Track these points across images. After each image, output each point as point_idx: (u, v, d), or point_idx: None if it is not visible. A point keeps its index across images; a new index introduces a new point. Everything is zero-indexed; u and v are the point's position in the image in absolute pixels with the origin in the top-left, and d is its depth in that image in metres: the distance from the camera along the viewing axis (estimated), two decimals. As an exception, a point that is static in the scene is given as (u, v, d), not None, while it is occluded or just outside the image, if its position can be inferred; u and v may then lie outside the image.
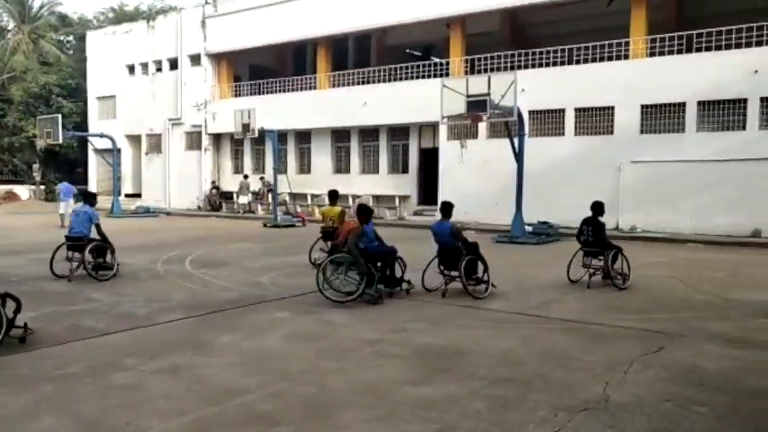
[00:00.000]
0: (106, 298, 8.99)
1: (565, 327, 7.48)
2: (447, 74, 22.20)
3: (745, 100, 17.52)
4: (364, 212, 9.30)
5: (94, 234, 10.76)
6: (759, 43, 17.45)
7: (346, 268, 8.75)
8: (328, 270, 8.81)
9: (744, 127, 17.54)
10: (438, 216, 10.63)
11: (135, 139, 32.58)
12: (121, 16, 42.25)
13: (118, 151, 29.03)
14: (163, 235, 18.56)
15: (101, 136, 28.48)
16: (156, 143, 31.58)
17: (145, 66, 31.76)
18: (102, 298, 8.98)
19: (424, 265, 9.66)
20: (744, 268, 12.14)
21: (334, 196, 12.87)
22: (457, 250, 9.37)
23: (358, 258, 8.58)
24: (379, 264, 9.02)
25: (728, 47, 17.90)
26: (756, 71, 17.22)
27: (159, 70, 31.26)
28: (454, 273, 9.29)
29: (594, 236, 10.17)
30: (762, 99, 17.27)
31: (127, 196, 31.52)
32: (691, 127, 18.24)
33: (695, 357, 6.16)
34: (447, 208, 9.97)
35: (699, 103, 18.12)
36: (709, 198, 17.48)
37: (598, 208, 10.37)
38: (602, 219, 10.35)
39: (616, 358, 6.10)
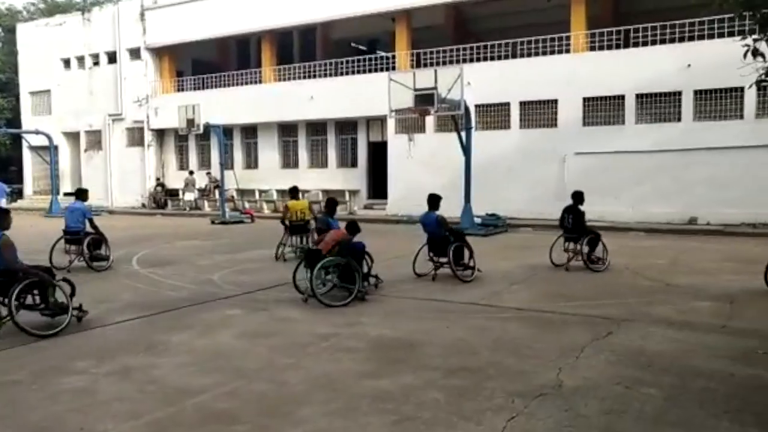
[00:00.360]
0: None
1: (516, 316, 7.65)
2: (393, 68, 22.25)
3: (680, 93, 18.21)
4: (331, 205, 9.44)
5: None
6: (692, 38, 18.14)
7: (326, 272, 8.49)
8: (318, 275, 8.34)
9: (680, 119, 18.24)
10: (420, 210, 10.93)
11: (73, 136, 31.41)
12: (53, 8, 40.53)
13: (55, 148, 27.94)
14: (106, 234, 17.92)
15: (36, 132, 27.42)
16: (96, 140, 30.54)
17: (81, 60, 30.62)
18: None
19: (386, 259, 9.72)
20: (683, 255, 12.65)
21: (295, 191, 13.45)
22: (446, 239, 10.00)
23: (351, 262, 8.46)
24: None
25: (663, 42, 18.57)
26: (689, 65, 17.90)
27: (96, 63, 30.20)
28: (443, 259, 9.91)
29: (574, 223, 11.00)
30: (696, 92, 17.98)
31: (66, 194, 30.23)
32: (630, 119, 18.84)
33: (642, 340, 6.40)
34: (434, 200, 10.47)
35: (637, 96, 18.73)
36: (649, 188, 18.14)
37: (578, 197, 11.23)
38: (582, 207, 11.15)
39: (567, 344, 6.28)
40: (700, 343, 6.32)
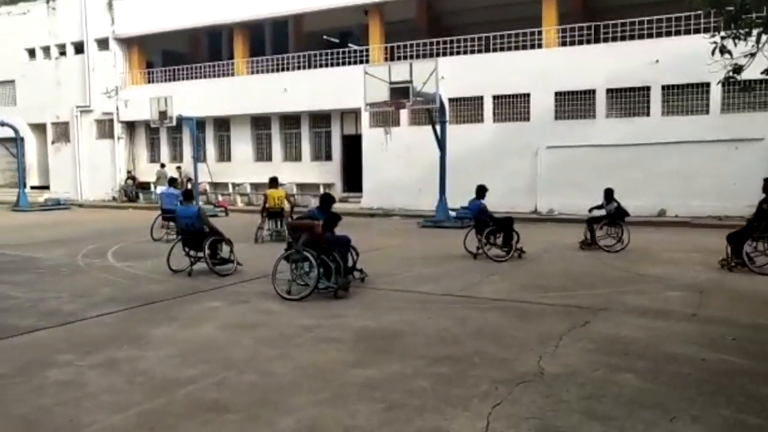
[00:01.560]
0: (26, 295, 8.57)
1: (495, 306, 7.81)
2: (366, 61, 22.26)
3: (648, 88, 18.63)
4: (325, 200, 9.35)
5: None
6: (659, 34, 18.55)
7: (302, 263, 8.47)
8: (296, 267, 8.47)
9: (648, 114, 18.67)
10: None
11: (39, 128, 30.76)
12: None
13: (21, 140, 27.32)
14: (78, 228, 17.73)
15: (2, 124, 26.72)
16: (63, 132, 29.96)
17: (47, 50, 29.93)
18: (21, 295, 8.56)
19: (363, 251, 9.73)
20: (653, 246, 12.99)
21: (274, 181, 14.80)
22: (485, 222, 11.62)
23: (335, 257, 8.42)
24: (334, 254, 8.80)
25: (632, 38, 18.95)
26: (657, 61, 18.30)
27: (63, 54, 29.57)
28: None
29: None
30: (663, 87, 18.41)
31: (33, 188, 29.78)
32: (600, 113, 19.22)
33: (617, 329, 6.61)
34: (481, 190, 12.09)
35: (607, 90, 19.10)
36: (619, 181, 18.27)
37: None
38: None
39: (546, 333, 6.45)
40: (672, 331, 6.55)
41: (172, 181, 16.50)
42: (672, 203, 18.09)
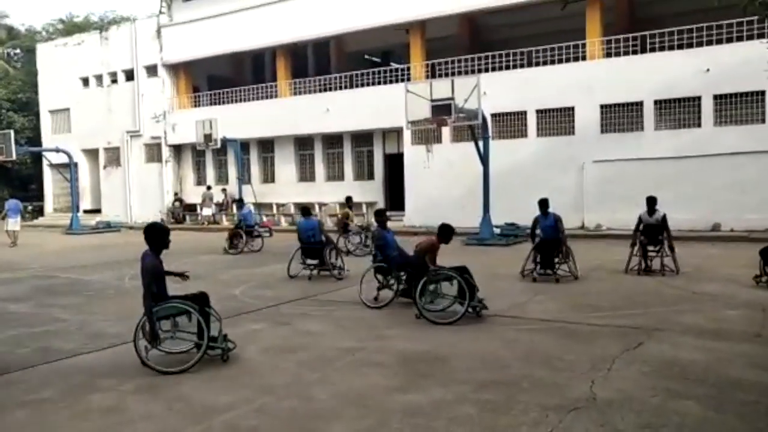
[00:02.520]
0: (74, 317, 8.70)
1: (543, 327, 7.53)
2: (408, 79, 22.22)
3: (699, 98, 18.01)
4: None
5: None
6: (710, 43, 17.97)
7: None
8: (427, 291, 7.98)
9: (699, 125, 18.03)
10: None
11: (92, 153, 31.75)
12: (71, 27, 41.15)
13: (75, 165, 28.25)
14: (126, 250, 18.05)
15: (57, 150, 27.71)
16: (114, 156, 30.84)
17: (99, 78, 31.00)
18: (69, 317, 8.69)
19: None
20: (708, 262, 12.45)
21: (306, 211, 13.42)
22: (558, 241, 10.83)
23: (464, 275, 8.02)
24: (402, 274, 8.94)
25: (680, 47, 18.41)
26: (708, 70, 17.72)
27: (114, 81, 30.55)
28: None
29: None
30: (715, 96, 17.78)
31: (85, 211, 30.69)
32: (649, 125, 18.67)
33: (674, 350, 6.26)
34: (545, 203, 11.31)
35: (655, 102, 18.56)
36: (669, 194, 17.71)
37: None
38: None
39: (597, 355, 6.16)
40: (734, 353, 6.17)
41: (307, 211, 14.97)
42: (726, 217, 17.36)
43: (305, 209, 13.15)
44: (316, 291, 10.32)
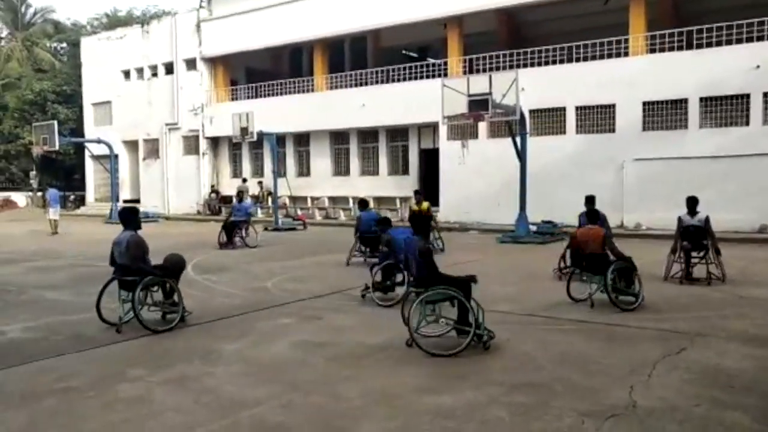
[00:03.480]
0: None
1: (580, 328, 7.29)
2: (444, 75, 22.01)
3: (747, 96, 17.39)
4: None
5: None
6: (760, 38, 17.34)
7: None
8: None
9: (747, 123, 17.43)
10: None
11: (132, 145, 32.32)
12: (115, 22, 41.98)
13: (116, 156, 28.78)
14: (163, 240, 18.18)
15: (98, 142, 28.25)
16: (153, 148, 31.34)
17: (140, 71, 31.52)
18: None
19: (449, 268, 9.01)
20: (754, 265, 11.98)
21: (363, 203, 14.05)
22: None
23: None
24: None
25: (728, 43, 17.80)
26: (758, 66, 17.11)
27: (155, 74, 31.02)
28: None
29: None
30: (765, 94, 17.16)
31: (125, 201, 31.22)
32: (693, 123, 18.11)
33: (719, 357, 5.97)
34: (592, 200, 10.43)
35: (701, 99, 17.99)
36: (713, 194, 17.11)
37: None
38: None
39: (637, 360, 5.91)
40: (784, 362, 5.86)
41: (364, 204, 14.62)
42: (774, 219, 16.73)
43: (363, 202, 14.09)
44: (350, 285, 10.22)
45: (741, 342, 6.55)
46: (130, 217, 7.89)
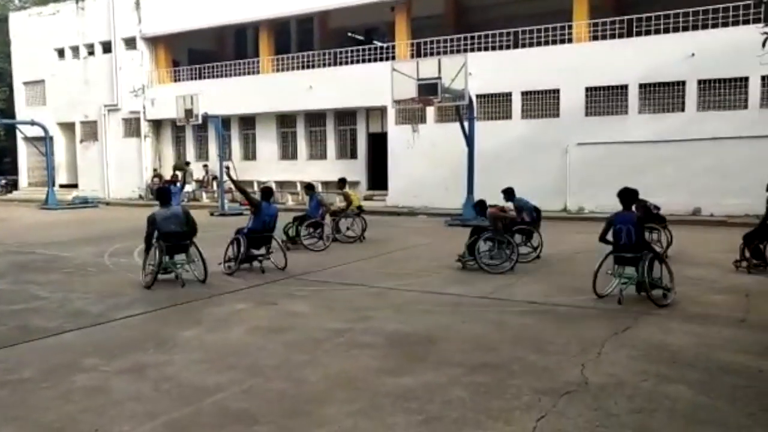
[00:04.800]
0: (54, 295, 8.50)
1: (532, 309, 7.52)
2: (393, 58, 22.00)
3: (683, 83, 18.08)
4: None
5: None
6: (695, 27, 17.99)
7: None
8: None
9: (683, 109, 18.13)
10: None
11: (68, 127, 31.07)
12: (47, -3, 40.04)
13: (51, 139, 27.60)
14: (105, 226, 17.78)
15: (32, 123, 27.06)
16: (91, 131, 30.21)
17: (75, 49, 30.20)
18: (49, 295, 8.49)
19: (393, 250, 9.53)
20: (689, 246, 12.54)
21: (344, 181, 14.93)
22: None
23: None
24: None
25: (666, 31, 18.41)
26: (693, 54, 17.75)
27: (91, 53, 29.80)
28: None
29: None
30: (699, 81, 17.85)
31: (62, 186, 30.11)
32: (633, 109, 18.71)
33: (662, 335, 6.28)
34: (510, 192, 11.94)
35: (640, 85, 18.59)
36: (652, 178, 17.91)
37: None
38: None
39: (587, 338, 6.16)
40: (721, 337, 6.21)
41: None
42: (706, 201, 17.54)
43: (310, 186, 14.14)
44: (305, 269, 10.20)
45: (681, 319, 6.90)
46: (168, 194, 9.50)
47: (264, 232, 10.44)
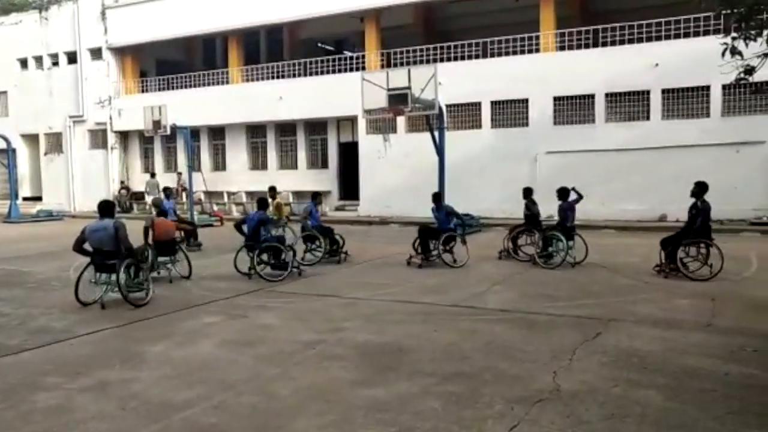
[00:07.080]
0: (15, 311, 8.26)
1: (503, 318, 7.54)
2: (363, 68, 22.04)
3: (648, 92, 18.44)
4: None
5: None
6: (659, 38, 18.37)
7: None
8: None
9: (648, 118, 18.48)
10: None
11: (32, 138, 30.39)
12: (8, 6, 39.16)
13: (14, 151, 26.96)
14: (70, 240, 17.13)
15: (-6, 135, 26.40)
16: (56, 142, 29.60)
17: (39, 60, 29.62)
18: (10, 311, 8.25)
19: (370, 261, 9.51)
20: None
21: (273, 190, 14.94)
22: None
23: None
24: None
25: (631, 42, 18.77)
26: (657, 64, 18.12)
27: (56, 64, 29.25)
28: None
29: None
30: (663, 91, 18.22)
31: (25, 199, 29.42)
32: (600, 117, 19.00)
33: (631, 341, 6.34)
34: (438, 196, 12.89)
35: (607, 95, 18.90)
36: (619, 186, 18.30)
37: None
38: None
39: (557, 346, 6.19)
40: (688, 342, 6.29)
41: (166, 191, 16.73)
42: (673, 208, 17.81)
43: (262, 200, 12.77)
44: (272, 284, 10.10)
45: (649, 325, 6.99)
46: (110, 207, 9.15)
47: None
